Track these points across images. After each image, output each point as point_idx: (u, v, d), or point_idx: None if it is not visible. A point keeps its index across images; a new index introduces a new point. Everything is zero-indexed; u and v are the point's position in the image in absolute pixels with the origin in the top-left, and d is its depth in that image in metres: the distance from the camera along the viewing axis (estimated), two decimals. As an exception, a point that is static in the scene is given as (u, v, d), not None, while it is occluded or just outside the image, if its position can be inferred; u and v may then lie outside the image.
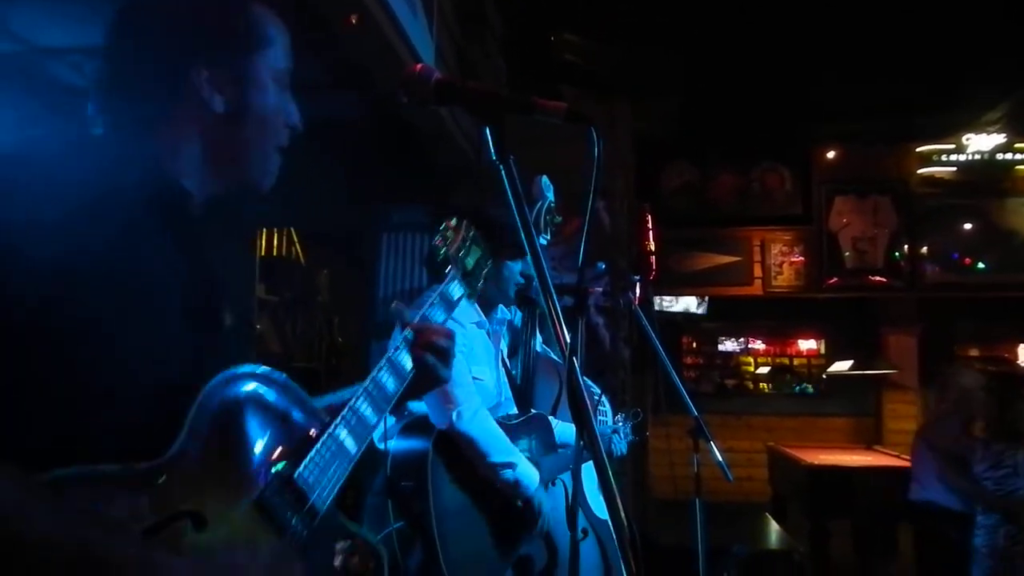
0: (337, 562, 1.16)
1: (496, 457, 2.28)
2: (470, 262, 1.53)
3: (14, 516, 0.77)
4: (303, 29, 3.10)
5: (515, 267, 2.57)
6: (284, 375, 1.11)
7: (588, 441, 0.97)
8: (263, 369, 1.08)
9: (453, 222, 1.54)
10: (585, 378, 1.08)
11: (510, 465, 2.30)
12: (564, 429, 2.67)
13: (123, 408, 0.94)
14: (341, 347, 6.47)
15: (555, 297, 1.03)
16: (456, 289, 1.49)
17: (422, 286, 5.01)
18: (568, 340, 1.02)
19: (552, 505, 2.52)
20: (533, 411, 2.62)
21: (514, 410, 2.61)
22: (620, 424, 2.93)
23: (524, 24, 5.48)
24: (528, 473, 2.35)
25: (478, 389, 2.41)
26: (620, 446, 2.94)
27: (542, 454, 2.53)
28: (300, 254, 6.59)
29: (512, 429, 2.45)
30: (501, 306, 2.62)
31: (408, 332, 1.36)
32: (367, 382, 1.25)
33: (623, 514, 0.94)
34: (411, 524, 2.18)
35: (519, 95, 1.08)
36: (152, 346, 0.98)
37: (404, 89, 1.14)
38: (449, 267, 1.50)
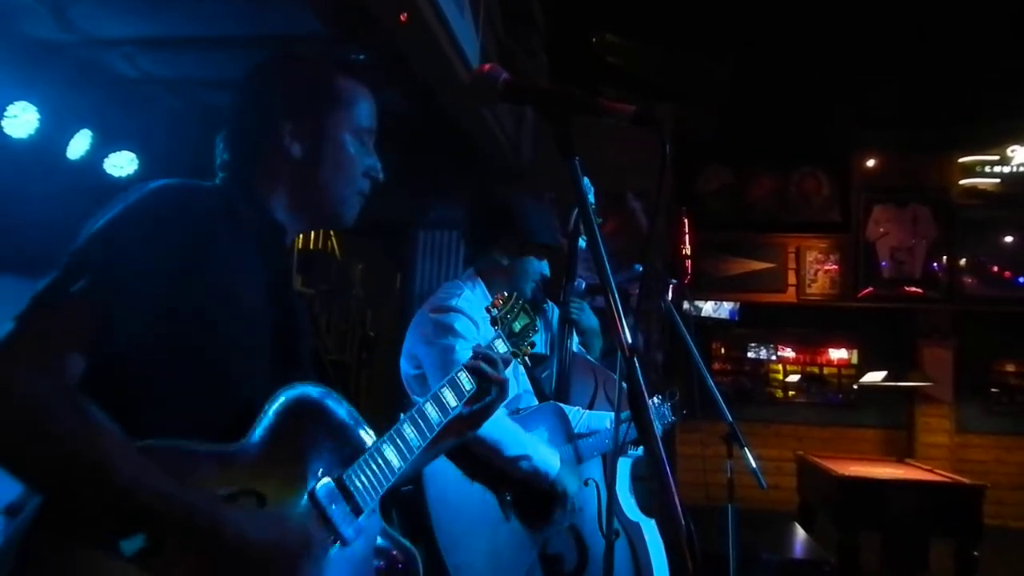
0: (375, 559, 1.32)
1: (510, 451, 2.25)
2: (516, 326, 1.76)
3: (109, 463, 0.99)
4: (352, 24, 3.14)
5: (538, 266, 2.54)
6: (344, 398, 1.32)
7: (650, 445, 0.97)
8: (328, 390, 1.30)
9: (505, 294, 1.79)
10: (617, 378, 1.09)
11: (525, 457, 2.26)
12: (591, 417, 2.65)
13: (215, 400, 1.15)
14: (373, 341, 6.51)
15: (617, 296, 1.04)
16: (501, 346, 1.69)
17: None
18: (629, 341, 1.03)
19: (584, 505, 2.52)
20: (542, 402, 2.57)
21: (534, 403, 2.60)
22: (657, 405, 2.91)
23: (568, 24, 5.47)
24: (546, 459, 2.31)
25: None
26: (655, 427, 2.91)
27: (559, 443, 2.49)
28: (336, 247, 6.65)
29: (523, 420, 2.42)
30: None
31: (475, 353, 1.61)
32: (413, 410, 1.45)
33: (680, 510, 0.95)
34: (412, 528, 2.16)
35: (587, 96, 1.09)
36: (246, 361, 1.21)
37: (473, 88, 1.16)
38: (497, 327, 1.71)
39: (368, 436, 1.35)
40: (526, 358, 2.63)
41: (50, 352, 1.02)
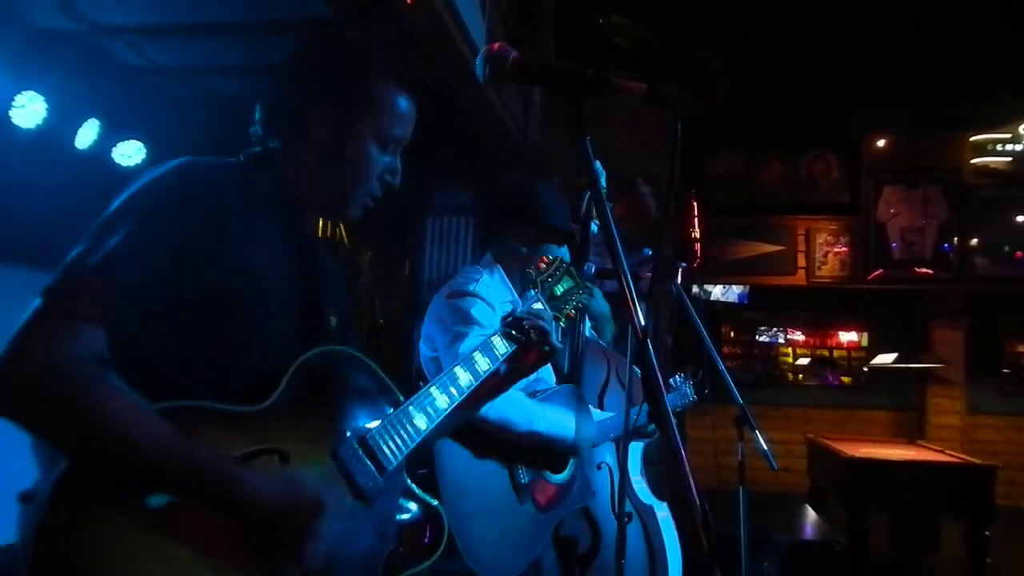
0: (399, 516, 1.36)
1: (519, 427, 2.23)
2: (559, 289, 1.75)
3: (125, 429, 1.03)
4: (358, 7, 3.12)
5: (556, 252, 2.51)
6: (370, 360, 1.35)
7: (664, 427, 0.97)
8: (353, 352, 1.33)
9: (549, 257, 1.78)
10: (635, 366, 1.10)
11: (535, 433, 2.25)
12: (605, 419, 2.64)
13: (242, 365, 1.19)
14: (382, 328, 6.51)
15: (630, 278, 1.03)
16: (540, 309, 1.67)
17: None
18: (642, 323, 1.02)
19: (597, 488, 2.53)
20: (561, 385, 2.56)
21: (552, 385, 2.59)
22: (680, 383, 2.90)
23: (575, 6, 5.43)
24: (560, 425, 2.31)
25: None
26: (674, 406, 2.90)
27: None
28: (344, 235, 6.64)
29: (540, 402, 2.40)
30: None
31: (508, 319, 1.62)
32: (443, 375, 1.48)
33: (695, 492, 0.94)
34: None
35: (598, 73, 1.08)
36: (268, 330, 1.24)
37: (484, 67, 1.15)
38: (536, 289, 1.71)
39: (395, 398, 1.37)
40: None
41: (73, 325, 1.06)
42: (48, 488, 1.02)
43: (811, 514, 5.37)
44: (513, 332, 1.58)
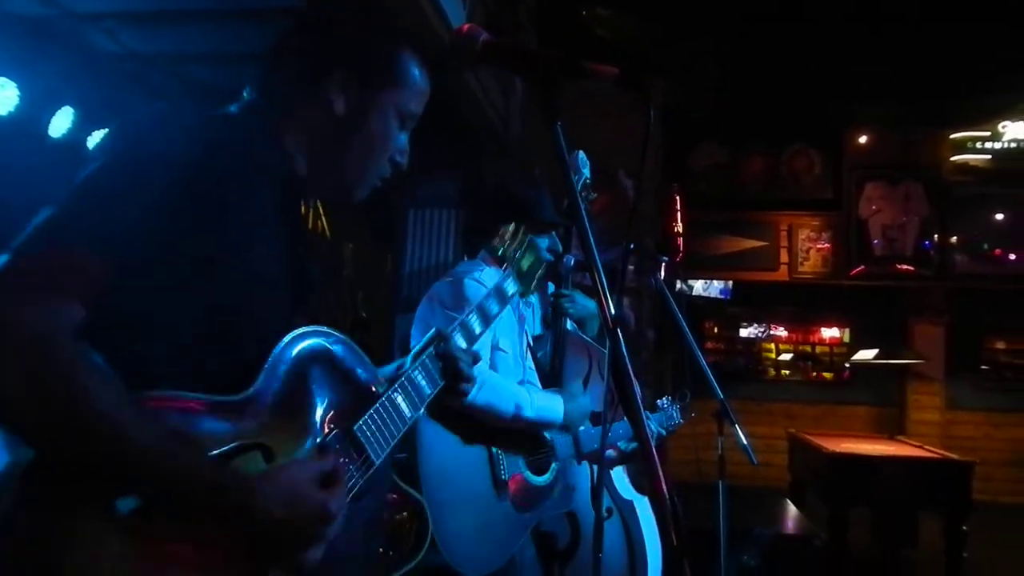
0: (385, 513, 1.30)
1: (505, 411, 2.25)
2: (525, 264, 1.67)
3: (117, 421, 0.91)
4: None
5: (542, 243, 2.54)
6: (349, 338, 1.24)
7: (633, 416, 0.95)
8: (333, 332, 1.21)
9: (511, 227, 1.68)
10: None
11: (520, 418, 2.26)
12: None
13: (227, 346, 1.08)
14: (365, 321, 6.48)
15: (601, 271, 1.01)
16: (511, 286, 1.63)
17: (447, 261, 5.00)
18: (613, 315, 1.00)
19: (577, 484, 2.51)
20: (556, 389, 2.59)
21: (536, 386, 2.59)
22: (667, 406, 2.90)
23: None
24: (546, 408, 2.33)
25: (501, 361, 2.39)
26: (654, 427, 2.91)
27: (560, 432, 2.49)
28: (326, 227, 6.58)
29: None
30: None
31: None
32: (424, 355, 1.38)
33: (665, 488, 0.93)
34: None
35: (570, 57, 1.06)
36: (261, 315, 1.13)
37: (452, 51, 1.13)
38: (505, 265, 1.64)
39: (379, 384, 1.28)
40: (530, 339, 2.63)
41: (57, 295, 0.92)
42: (10, 483, 0.90)
43: (792, 509, 5.39)
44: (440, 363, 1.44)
